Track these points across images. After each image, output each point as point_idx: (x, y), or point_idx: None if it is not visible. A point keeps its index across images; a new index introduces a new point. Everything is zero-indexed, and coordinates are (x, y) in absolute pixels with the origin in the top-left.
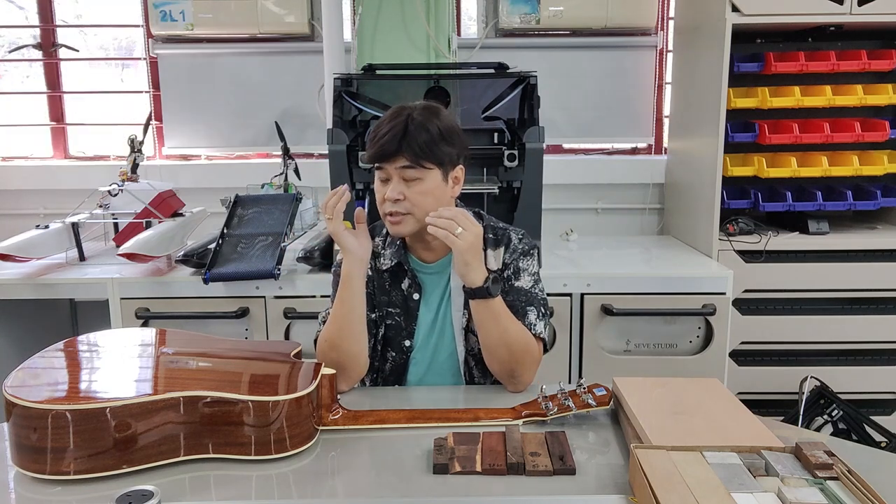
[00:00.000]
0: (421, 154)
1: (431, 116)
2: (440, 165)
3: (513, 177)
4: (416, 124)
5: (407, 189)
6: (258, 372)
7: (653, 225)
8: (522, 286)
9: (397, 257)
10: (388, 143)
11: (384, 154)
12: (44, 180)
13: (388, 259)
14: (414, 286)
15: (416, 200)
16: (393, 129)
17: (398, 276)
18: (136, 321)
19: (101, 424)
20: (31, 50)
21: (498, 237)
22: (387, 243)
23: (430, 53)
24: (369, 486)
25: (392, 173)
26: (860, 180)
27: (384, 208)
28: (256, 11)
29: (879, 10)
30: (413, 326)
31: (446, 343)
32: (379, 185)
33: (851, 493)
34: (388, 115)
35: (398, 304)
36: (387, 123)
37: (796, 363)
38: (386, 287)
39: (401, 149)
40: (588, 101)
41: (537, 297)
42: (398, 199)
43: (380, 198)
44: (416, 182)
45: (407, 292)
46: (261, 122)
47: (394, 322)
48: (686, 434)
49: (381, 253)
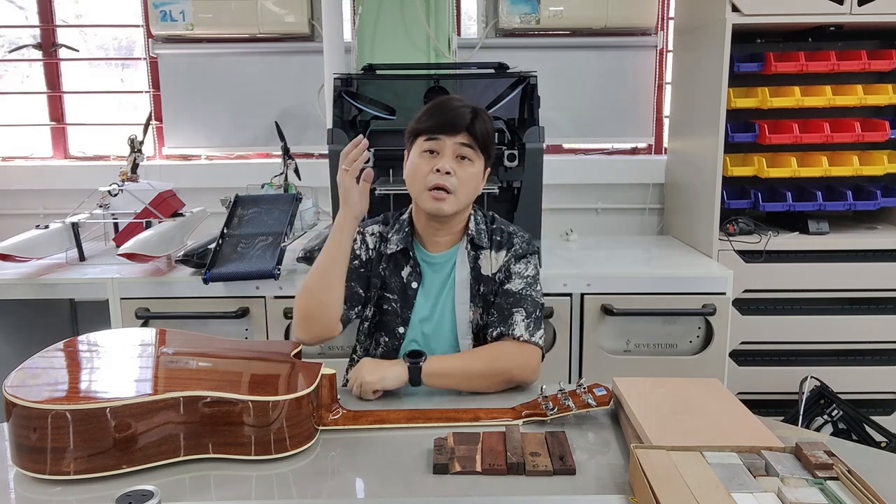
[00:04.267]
0: (483, 138)
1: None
2: (487, 157)
3: (513, 177)
4: (481, 113)
5: (458, 167)
6: (258, 372)
7: (653, 225)
8: (511, 288)
9: (404, 243)
10: (459, 117)
11: (454, 125)
12: (44, 180)
13: (394, 244)
14: (414, 275)
15: (464, 179)
16: (462, 109)
17: (399, 263)
18: (136, 321)
19: (101, 424)
20: (31, 50)
21: (502, 240)
22: (395, 229)
23: (430, 53)
24: (369, 486)
25: (448, 147)
26: (860, 180)
27: (429, 180)
28: (256, 11)
29: (879, 10)
30: (408, 314)
31: (444, 335)
32: (425, 158)
33: (851, 493)
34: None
35: (396, 290)
36: (448, 102)
37: (796, 363)
38: (383, 272)
39: (472, 126)
40: (588, 101)
41: (528, 300)
42: (449, 171)
43: (425, 170)
44: (467, 163)
45: (406, 280)
46: (261, 122)
47: (390, 308)
48: (686, 434)
49: (389, 238)
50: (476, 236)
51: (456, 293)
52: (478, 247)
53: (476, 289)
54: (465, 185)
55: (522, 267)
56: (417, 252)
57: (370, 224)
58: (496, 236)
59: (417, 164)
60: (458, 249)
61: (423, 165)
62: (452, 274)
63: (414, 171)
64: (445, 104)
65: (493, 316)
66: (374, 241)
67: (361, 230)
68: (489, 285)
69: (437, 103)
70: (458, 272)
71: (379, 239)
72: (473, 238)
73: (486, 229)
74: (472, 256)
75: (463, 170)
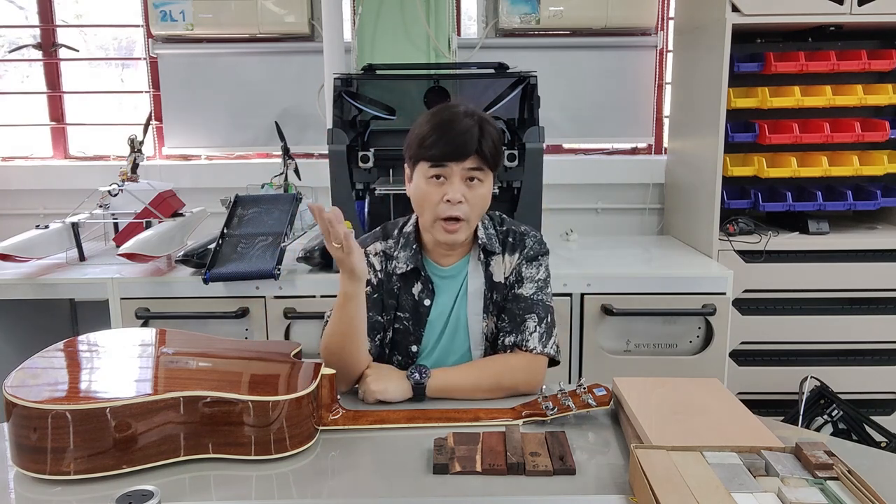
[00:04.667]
0: (492, 156)
1: (490, 121)
2: (496, 170)
3: (513, 177)
4: (487, 124)
5: (468, 191)
6: (258, 372)
7: (653, 225)
8: (522, 293)
9: (413, 262)
10: (466, 142)
11: (462, 152)
12: (44, 180)
13: (402, 263)
14: (426, 291)
15: (475, 203)
16: (468, 128)
17: (410, 281)
18: (136, 321)
19: (101, 424)
20: (31, 50)
21: (515, 242)
22: (400, 245)
23: (430, 53)
24: (369, 486)
25: (456, 173)
26: (860, 180)
27: (440, 210)
28: (256, 11)
29: (879, 10)
30: (421, 332)
31: (458, 344)
32: (432, 185)
33: (851, 493)
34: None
35: (408, 308)
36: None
37: (796, 363)
38: (395, 291)
39: (480, 149)
40: (588, 101)
41: (540, 304)
42: (461, 201)
43: (435, 199)
44: (477, 184)
45: (418, 297)
46: (261, 122)
47: (402, 326)
48: (686, 434)
49: (395, 256)
50: (488, 242)
51: (469, 303)
52: (490, 253)
53: (489, 297)
54: (477, 208)
55: (534, 271)
56: (428, 267)
57: (371, 242)
58: (510, 238)
59: (426, 191)
60: (469, 259)
61: (433, 194)
62: (464, 283)
63: (422, 198)
64: (449, 125)
65: (505, 322)
66: (380, 262)
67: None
68: (501, 291)
69: (440, 123)
70: (471, 282)
71: (384, 258)
72: (486, 245)
73: (497, 233)
74: (483, 263)
75: (473, 192)
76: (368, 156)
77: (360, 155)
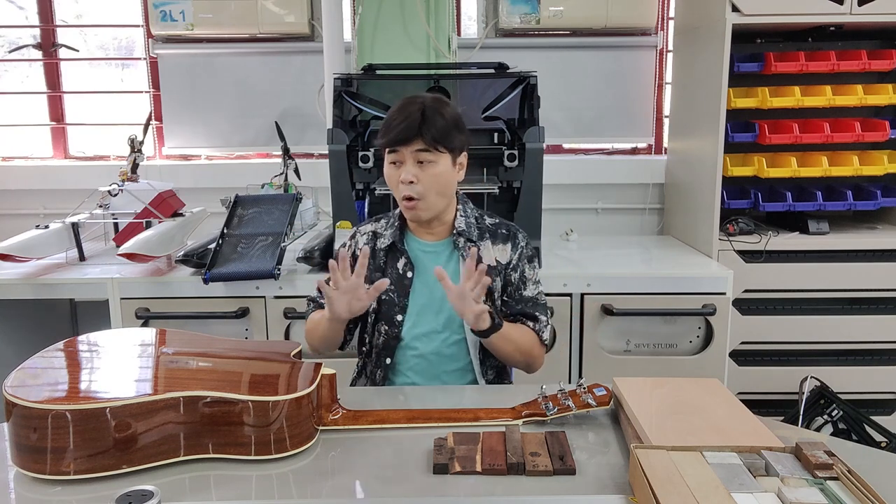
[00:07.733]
0: (437, 138)
1: (444, 105)
2: (451, 151)
3: (513, 177)
4: (431, 111)
5: (420, 172)
6: (258, 372)
7: (653, 225)
8: (529, 294)
9: (393, 238)
10: (408, 128)
11: (403, 138)
12: (44, 180)
13: (387, 239)
14: (409, 265)
15: (427, 182)
16: (411, 115)
17: (395, 256)
18: (136, 321)
19: (101, 424)
20: (31, 50)
21: (508, 233)
22: (388, 224)
23: (430, 53)
24: (369, 486)
25: (407, 157)
26: (860, 180)
27: (400, 190)
28: (256, 11)
29: (879, 10)
30: (405, 302)
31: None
32: (392, 169)
33: (851, 493)
34: (402, 103)
35: (392, 280)
36: (403, 110)
37: (796, 363)
38: (381, 265)
39: (420, 133)
40: (588, 101)
41: (540, 302)
42: (412, 181)
43: (394, 181)
44: (429, 165)
45: (402, 271)
46: (261, 122)
47: (387, 297)
48: (686, 434)
49: (382, 234)
50: (466, 230)
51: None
52: (470, 240)
53: None
54: (432, 187)
55: (532, 270)
56: (413, 243)
57: (365, 223)
58: (501, 230)
59: (388, 175)
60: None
61: (393, 177)
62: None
63: (388, 181)
64: (398, 113)
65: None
66: (365, 241)
67: (356, 229)
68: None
69: (393, 112)
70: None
71: (371, 237)
72: (463, 232)
73: (477, 223)
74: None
75: (425, 172)
76: (368, 156)
77: (360, 155)
